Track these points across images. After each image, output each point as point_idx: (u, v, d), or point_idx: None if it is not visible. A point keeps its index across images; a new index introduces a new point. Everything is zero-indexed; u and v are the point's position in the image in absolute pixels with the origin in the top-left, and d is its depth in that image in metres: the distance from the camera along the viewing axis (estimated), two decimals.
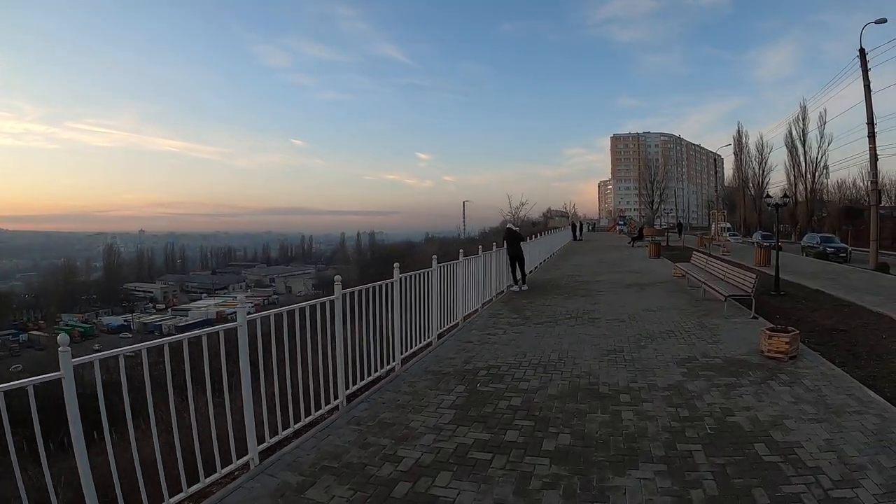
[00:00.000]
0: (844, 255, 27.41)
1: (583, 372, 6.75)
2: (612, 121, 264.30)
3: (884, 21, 22.99)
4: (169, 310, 76.75)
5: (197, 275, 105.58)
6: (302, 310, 5.04)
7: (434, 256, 9.07)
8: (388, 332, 6.95)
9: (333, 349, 5.47)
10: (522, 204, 43.16)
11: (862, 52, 24.73)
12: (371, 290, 6.41)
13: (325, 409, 5.23)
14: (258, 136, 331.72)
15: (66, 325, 58.26)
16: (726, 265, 11.59)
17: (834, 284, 14.36)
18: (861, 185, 52.10)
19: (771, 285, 13.33)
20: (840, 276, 16.41)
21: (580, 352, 7.76)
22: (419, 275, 8.06)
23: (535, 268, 19.32)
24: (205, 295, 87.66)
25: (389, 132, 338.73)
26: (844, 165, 74.51)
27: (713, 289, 10.47)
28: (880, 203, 24.18)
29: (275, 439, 4.54)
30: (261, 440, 4.36)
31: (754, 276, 9.69)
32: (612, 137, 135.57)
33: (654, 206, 66.24)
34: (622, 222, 63.98)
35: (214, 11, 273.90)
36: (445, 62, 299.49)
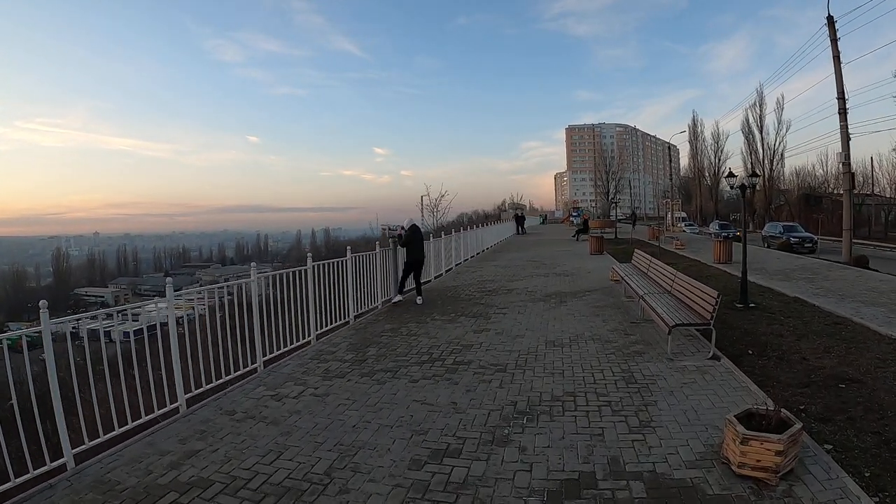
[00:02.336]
0: (811, 245, 24.70)
1: None
2: (568, 114, 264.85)
3: None
4: (119, 314, 72.02)
5: (150, 277, 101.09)
6: None
7: (167, 278, 5.16)
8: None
9: None
10: (442, 195, 35.09)
11: (830, 21, 21.63)
12: None
13: None
14: (213, 133, 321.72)
15: (14, 335, 52.94)
16: (673, 275, 7.84)
17: (814, 288, 10.91)
18: (820, 171, 50.29)
19: (735, 292, 9.79)
20: (817, 274, 13.04)
21: (379, 452, 4.08)
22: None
23: (449, 270, 15.57)
24: (157, 298, 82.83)
25: (346, 127, 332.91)
26: (800, 151, 73.32)
27: (654, 311, 6.70)
28: (854, 187, 21.07)
29: None
30: None
31: (715, 294, 5.93)
32: (567, 129, 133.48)
33: (610, 197, 63.67)
34: (576, 214, 60.96)
35: (166, 5, 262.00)
36: (401, 56, 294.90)
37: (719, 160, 62.90)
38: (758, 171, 54.72)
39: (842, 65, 21.46)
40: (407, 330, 8.15)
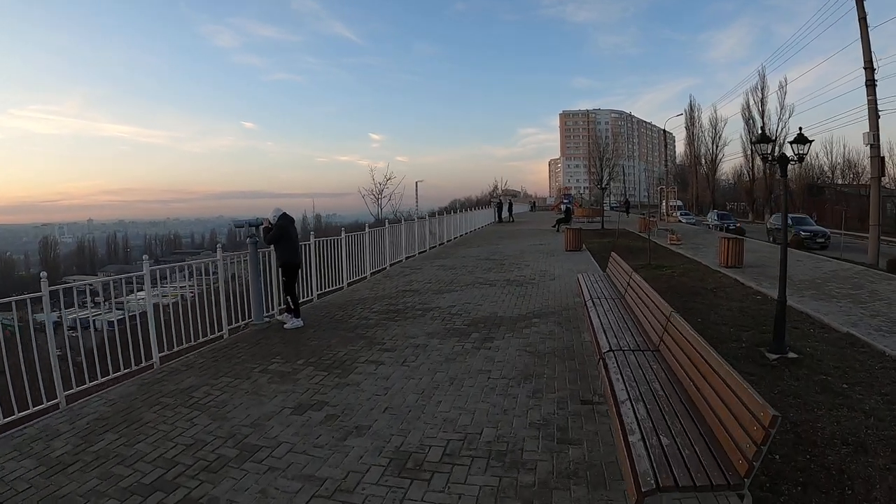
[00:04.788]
0: (823, 240, 21.39)
1: None
2: (566, 100, 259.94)
3: None
4: (106, 303, 70.94)
5: (140, 264, 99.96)
6: None
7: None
8: None
9: None
10: (388, 179, 28.88)
11: None
12: None
13: None
14: (208, 120, 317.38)
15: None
16: (666, 318, 4.11)
17: (868, 315, 7.42)
18: (825, 159, 46.83)
19: (757, 323, 6.34)
20: (859, 288, 9.55)
21: None
22: None
23: (379, 271, 12.09)
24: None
25: (342, 113, 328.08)
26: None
27: (619, 416, 3.08)
28: (883, 174, 17.41)
29: None
30: None
31: (767, 420, 2.20)
32: (561, 115, 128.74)
33: (604, 184, 60.34)
34: (567, 200, 57.32)
35: None
36: (398, 42, 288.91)
37: (717, 147, 59.32)
38: (757, 160, 51.43)
39: (869, 29, 17.87)
40: (203, 393, 4.75)
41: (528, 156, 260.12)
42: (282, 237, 7.33)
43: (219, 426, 4.07)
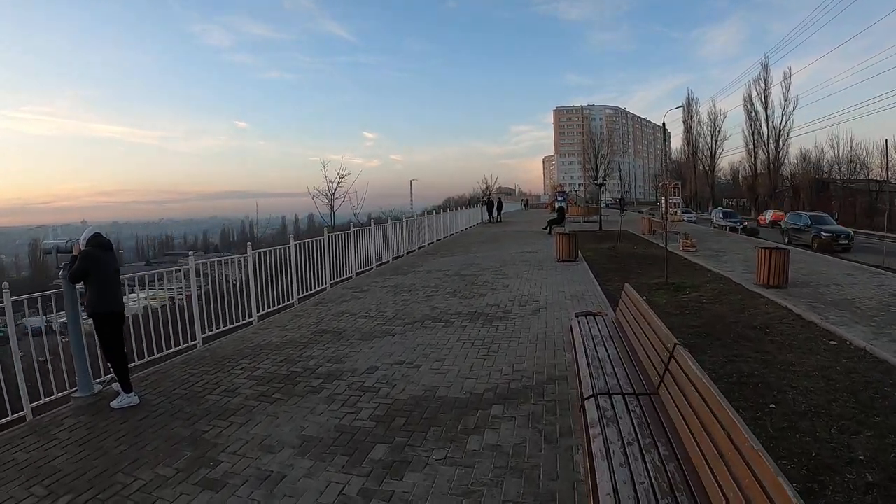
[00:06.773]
0: (846, 241, 18.90)
1: None
2: (559, 97, 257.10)
3: None
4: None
5: (132, 265, 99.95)
6: None
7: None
8: None
9: None
10: (342, 177, 21.95)
11: None
12: None
13: None
14: (201, 119, 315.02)
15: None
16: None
17: None
18: (831, 153, 44.24)
19: (866, 412, 3.48)
20: None
21: None
22: None
23: (317, 292, 9.36)
24: (136, 287, 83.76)
25: (334, 112, 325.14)
26: (800, 134, 67.09)
27: None
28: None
29: None
30: None
31: None
32: (555, 111, 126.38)
33: (599, 181, 57.84)
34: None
35: None
36: (390, 40, 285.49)
37: (716, 141, 56.93)
38: (760, 153, 48.80)
39: None
40: None
41: (521, 153, 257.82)
42: (89, 272, 4.50)
43: None
